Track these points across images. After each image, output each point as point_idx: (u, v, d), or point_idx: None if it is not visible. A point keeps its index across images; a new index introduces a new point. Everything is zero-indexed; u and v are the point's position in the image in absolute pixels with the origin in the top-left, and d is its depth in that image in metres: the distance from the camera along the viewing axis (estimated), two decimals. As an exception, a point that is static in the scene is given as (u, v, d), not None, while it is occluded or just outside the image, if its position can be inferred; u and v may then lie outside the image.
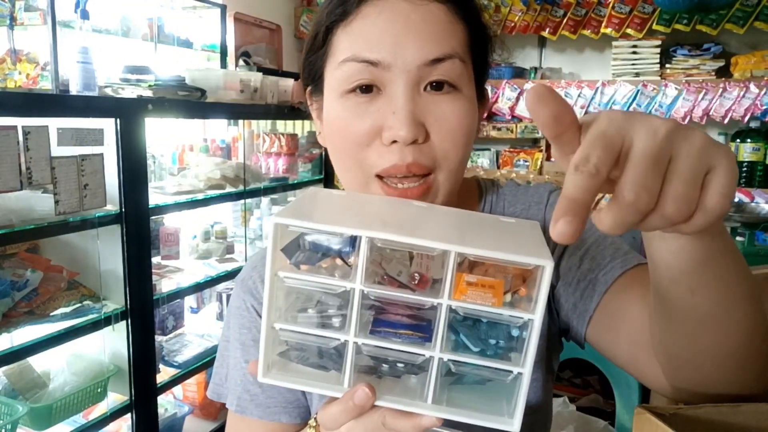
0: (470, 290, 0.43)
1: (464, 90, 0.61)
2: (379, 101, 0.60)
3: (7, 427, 1.65)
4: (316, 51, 0.66)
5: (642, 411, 0.47)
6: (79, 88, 1.88)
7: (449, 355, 0.45)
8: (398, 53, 0.58)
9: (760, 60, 2.92)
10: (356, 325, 0.45)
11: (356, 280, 0.44)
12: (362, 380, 0.47)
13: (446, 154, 0.60)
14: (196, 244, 2.60)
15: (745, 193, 2.90)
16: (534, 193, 0.74)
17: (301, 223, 0.43)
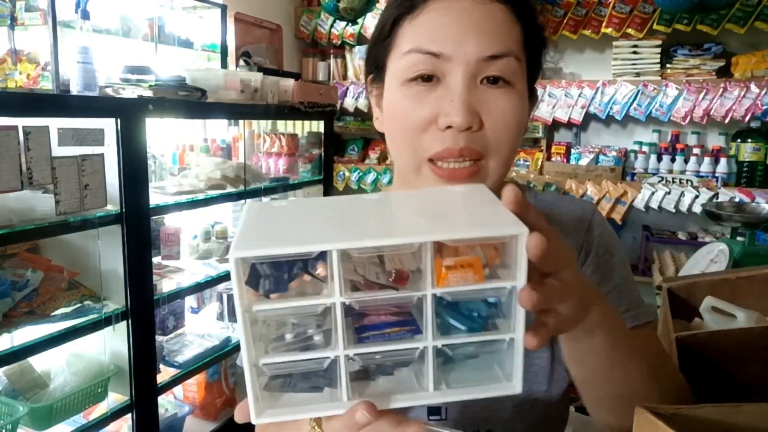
0: (451, 274, 0.43)
1: (517, 86, 0.65)
2: (438, 90, 0.63)
3: (7, 427, 1.65)
4: (382, 41, 0.70)
5: (642, 411, 0.47)
6: (79, 89, 1.88)
7: (442, 341, 0.45)
8: (459, 47, 0.62)
9: (761, 60, 2.92)
10: (343, 338, 0.44)
11: (335, 293, 0.43)
12: (356, 389, 0.46)
13: (498, 143, 0.64)
14: (196, 244, 2.60)
15: (746, 193, 2.90)
16: (577, 210, 0.77)
17: (264, 251, 0.41)
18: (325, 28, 3.87)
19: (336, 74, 3.96)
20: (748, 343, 1.02)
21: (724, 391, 1.03)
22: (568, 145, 3.46)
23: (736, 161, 3.03)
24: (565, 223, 0.76)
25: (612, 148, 3.32)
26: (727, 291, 1.27)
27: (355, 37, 3.79)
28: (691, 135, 3.19)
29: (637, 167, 3.24)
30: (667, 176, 3.11)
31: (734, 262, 1.75)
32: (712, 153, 3.10)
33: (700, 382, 0.99)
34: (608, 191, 3.15)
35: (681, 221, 3.26)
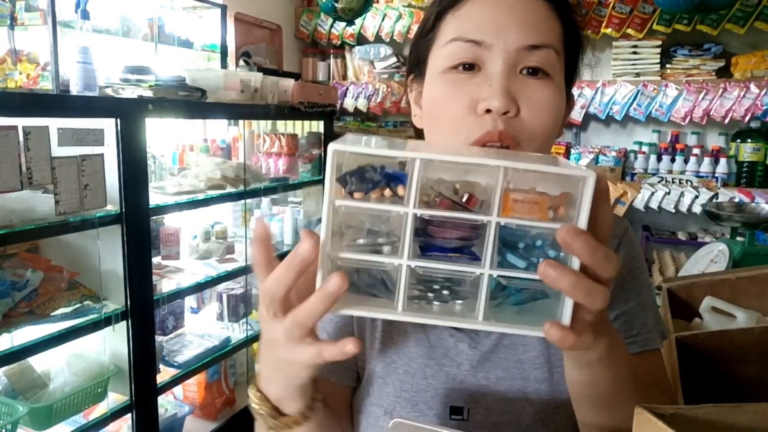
0: (517, 206, 0.45)
1: (556, 80, 0.66)
2: (479, 77, 0.65)
3: (7, 427, 1.65)
4: (425, 36, 0.71)
5: (642, 411, 0.47)
6: (79, 89, 1.88)
7: (499, 272, 0.46)
8: (500, 35, 0.63)
9: (761, 60, 2.92)
10: (410, 248, 0.46)
11: (410, 204, 0.46)
12: (412, 307, 0.49)
13: (533, 132, 0.64)
14: (196, 244, 2.60)
15: (746, 193, 2.90)
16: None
17: (359, 149, 0.46)
18: (324, 28, 3.87)
19: (336, 74, 3.96)
20: (748, 343, 1.02)
21: (724, 391, 1.03)
22: (568, 146, 3.46)
23: (736, 161, 3.03)
24: None
25: (612, 149, 3.32)
26: (727, 291, 1.27)
27: (355, 37, 3.80)
28: (690, 135, 3.19)
29: (637, 167, 3.24)
30: (667, 176, 3.12)
31: (734, 262, 1.76)
32: (712, 153, 3.10)
33: (700, 382, 0.99)
34: (608, 191, 3.15)
35: (681, 221, 3.26)
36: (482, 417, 0.73)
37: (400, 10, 3.66)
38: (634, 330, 0.74)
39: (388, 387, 0.76)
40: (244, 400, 2.66)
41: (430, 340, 0.75)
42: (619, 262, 0.46)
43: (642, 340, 0.74)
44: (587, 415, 0.62)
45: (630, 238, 0.78)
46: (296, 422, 0.59)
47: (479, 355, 0.73)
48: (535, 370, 0.73)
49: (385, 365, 0.76)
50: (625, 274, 0.75)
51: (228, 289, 2.66)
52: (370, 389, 0.77)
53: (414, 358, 0.75)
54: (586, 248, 0.43)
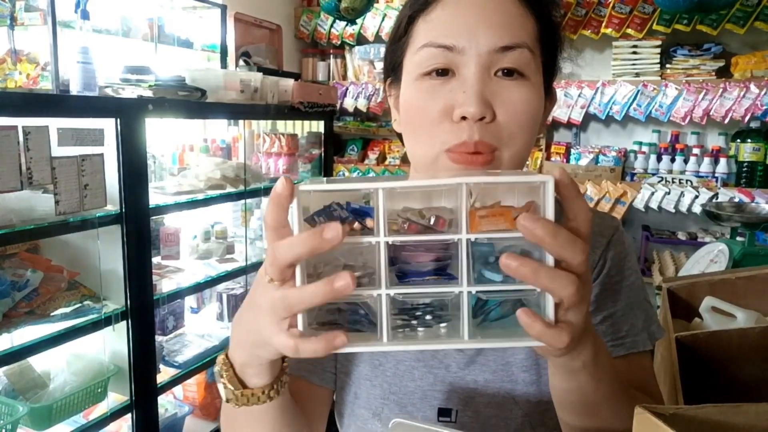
0: (483, 221, 0.46)
1: (532, 79, 0.65)
2: (452, 83, 0.64)
3: (7, 427, 1.66)
4: (398, 41, 0.71)
5: (642, 411, 0.47)
6: (79, 89, 1.88)
7: (477, 287, 0.47)
8: (472, 39, 0.62)
9: (761, 60, 2.92)
10: (386, 277, 0.47)
11: (380, 232, 0.46)
12: (397, 336, 0.49)
13: (511, 135, 0.64)
14: (196, 244, 2.60)
15: (746, 193, 2.90)
16: (600, 224, 0.77)
17: (322, 187, 0.47)
18: (324, 28, 3.87)
19: (336, 74, 3.96)
20: (748, 343, 1.02)
21: (724, 391, 1.03)
22: (568, 145, 3.46)
23: (736, 161, 3.03)
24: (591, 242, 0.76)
25: (612, 149, 3.33)
26: (727, 291, 1.27)
27: (355, 37, 3.80)
28: (690, 135, 3.19)
29: (637, 167, 3.24)
30: (667, 176, 3.12)
31: (734, 262, 1.76)
32: (712, 153, 3.10)
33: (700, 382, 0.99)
34: (608, 191, 3.15)
35: (681, 221, 3.26)
36: (470, 419, 0.73)
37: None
38: (622, 332, 0.73)
39: (376, 389, 0.75)
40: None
41: None
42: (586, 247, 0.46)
43: (629, 342, 0.73)
44: (571, 421, 0.62)
45: (620, 237, 0.77)
46: (256, 397, 0.56)
47: (467, 358, 0.73)
48: (523, 372, 0.73)
49: (372, 367, 0.76)
50: (615, 273, 0.75)
51: (228, 289, 2.66)
52: (357, 391, 0.76)
53: (402, 360, 0.75)
54: (546, 231, 0.43)
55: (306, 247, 0.44)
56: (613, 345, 0.72)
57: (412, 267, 0.49)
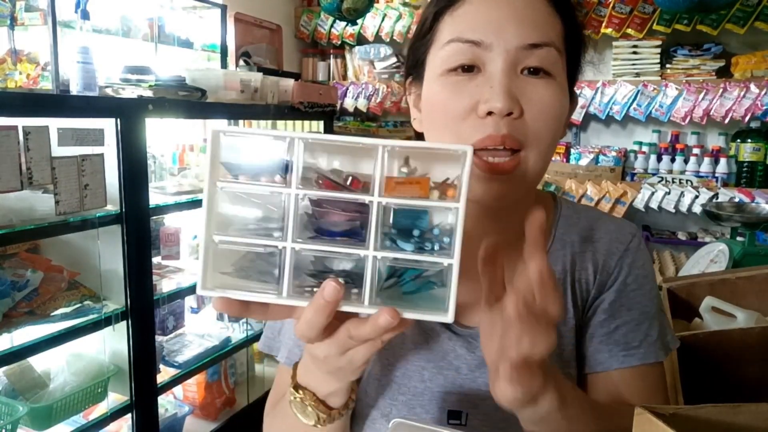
0: (399, 187, 0.46)
1: (558, 79, 0.64)
2: (478, 78, 0.63)
3: (7, 427, 1.65)
4: (422, 38, 0.69)
5: (642, 411, 0.47)
6: (79, 89, 1.88)
7: (384, 253, 0.46)
8: (500, 35, 0.62)
9: (761, 60, 2.92)
10: (293, 229, 0.46)
11: (292, 184, 0.46)
12: (303, 295, 0.48)
13: (538, 133, 0.63)
14: (196, 244, 2.60)
15: (746, 193, 2.90)
16: (617, 230, 0.76)
17: (240, 130, 0.47)
18: (324, 28, 3.87)
19: (336, 74, 3.96)
20: (748, 343, 1.02)
21: (724, 391, 1.03)
22: (568, 145, 3.46)
23: (736, 161, 3.03)
24: (601, 242, 0.74)
25: (612, 148, 3.32)
26: (727, 291, 1.27)
27: (355, 37, 3.79)
28: (690, 135, 3.19)
29: (637, 167, 3.24)
30: (667, 176, 3.12)
31: (734, 262, 1.76)
32: (712, 153, 3.10)
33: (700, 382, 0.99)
34: (608, 191, 3.15)
35: (681, 221, 3.26)
36: (480, 422, 0.72)
37: (400, 10, 3.66)
38: (635, 342, 0.72)
39: (385, 389, 0.75)
40: (244, 400, 2.68)
41: (428, 342, 0.74)
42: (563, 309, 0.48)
43: (641, 353, 0.71)
44: None
45: (638, 244, 0.75)
46: (340, 414, 0.63)
47: (478, 360, 0.72)
48: None
49: (382, 367, 0.75)
50: (631, 282, 0.73)
51: (228, 289, 2.65)
52: (366, 389, 0.76)
53: (412, 360, 0.74)
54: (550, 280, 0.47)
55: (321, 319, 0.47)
56: (625, 355, 0.71)
57: (323, 224, 0.48)
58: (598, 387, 0.72)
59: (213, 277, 0.49)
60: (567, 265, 0.73)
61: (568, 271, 0.73)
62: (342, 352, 0.52)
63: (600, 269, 0.73)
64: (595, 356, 0.72)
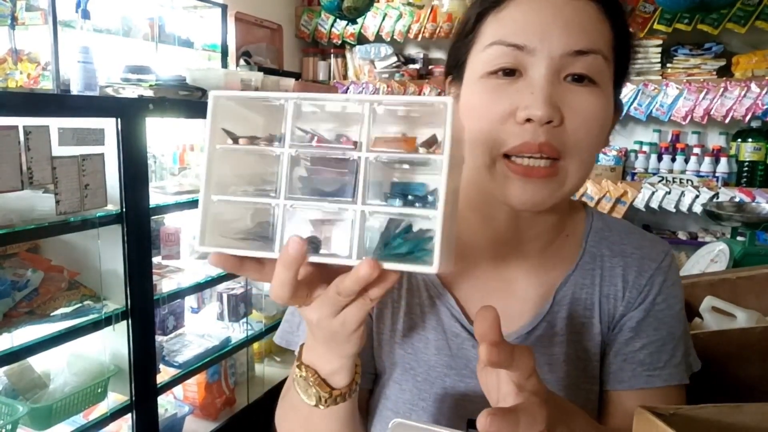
0: (385, 143, 0.47)
1: (603, 87, 0.62)
2: (519, 83, 0.61)
3: (7, 427, 1.66)
4: (464, 38, 0.67)
5: (642, 411, 0.47)
6: (80, 88, 1.88)
7: (370, 208, 0.47)
8: (544, 40, 0.59)
9: (762, 59, 2.92)
10: (286, 187, 0.48)
11: (285, 143, 0.48)
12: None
13: (578, 143, 0.61)
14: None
15: (746, 193, 2.90)
16: (650, 247, 0.74)
17: (238, 93, 0.49)
18: (325, 28, 3.87)
19: (336, 74, 3.96)
20: (748, 343, 1.02)
21: (724, 391, 1.03)
22: (569, 145, 3.46)
23: (737, 161, 3.03)
24: (632, 257, 0.72)
25: (612, 148, 3.32)
26: (727, 291, 1.27)
27: (356, 36, 3.79)
28: (691, 135, 3.19)
29: (638, 167, 3.24)
30: (668, 176, 3.11)
31: (734, 262, 1.75)
32: (713, 153, 3.10)
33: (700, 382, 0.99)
34: (608, 191, 3.15)
35: (681, 221, 3.26)
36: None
37: (401, 10, 3.66)
38: (660, 362, 0.70)
39: (405, 394, 0.73)
40: (244, 400, 2.68)
41: (451, 348, 0.72)
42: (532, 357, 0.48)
43: (666, 374, 0.70)
44: None
45: (669, 263, 0.73)
46: (343, 396, 0.59)
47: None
48: (560, 392, 0.70)
49: (403, 371, 0.73)
50: (660, 301, 0.71)
51: (228, 289, 2.65)
52: (386, 392, 0.75)
53: (434, 366, 0.72)
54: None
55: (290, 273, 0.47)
56: (649, 375, 0.70)
57: (317, 184, 0.49)
58: (617, 405, 0.71)
59: (212, 237, 0.50)
60: (596, 279, 0.72)
61: (597, 286, 0.71)
62: (333, 312, 0.50)
63: (630, 286, 0.71)
64: (618, 374, 0.71)
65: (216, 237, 0.50)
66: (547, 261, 0.72)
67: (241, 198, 0.49)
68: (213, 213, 0.49)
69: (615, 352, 0.71)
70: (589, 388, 0.72)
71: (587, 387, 0.72)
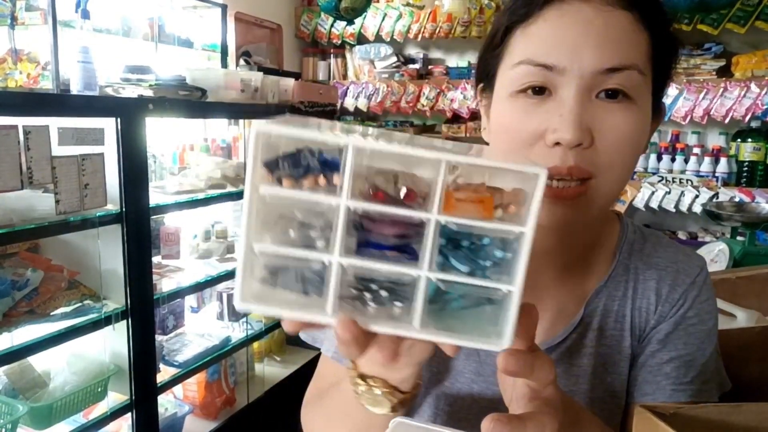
0: (459, 204, 0.42)
1: (639, 102, 0.59)
2: (549, 103, 0.59)
3: (7, 426, 1.66)
4: (493, 50, 0.65)
5: (642, 411, 0.47)
6: (79, 88, 1.88)
7: (438, 275, 0.43)
8: (574, 59, 0.57)
9: (761, 60, 2.92)
10: (341, 244, 0.43)
11: (342, 194, 0.42)
12: (345, 308, 0.45)
13: (611, 163, 0.59)
14: (196, 243, 2.60)
15: (746, 192, 2.90)
16: (685, 261, 0.72)
17: (287, 131, 0.42)
18: (325, 28, 3.87)
19: (336, 74, 3.96)
20: (748, 343, 1.02)
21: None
22: (569, 145, 3.46)
23: (737, 161, 3.03)
24: (667, 271, 0.71)
25: (612, 148, 3.32)
26: (727, 291, 1.27)
27: (356, 36, 3.79)
28: (691, 134, 3.19)
29: (637, 167, 3.24)
30: (667, 176, 3.11)
31: (734, 261, 1.76)
32: (713, 153, 3.10)
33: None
34: (608, 191, 3.15)
35: (681, 221, 3.26)
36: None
37: (401, 10, 3.66)
38: (687, 377, 0.68)
39: (431, 398, 0.71)
40: (244, 400, 2.68)
41: (480, 355, 0.70)
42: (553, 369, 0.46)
43: (693, 390, 0.68)
44: None
45: (704, 279, 0.71)
46: (414, 395, 0.57)
47: None
48: (584, 404, 0.69)
49: (431, 375, 0.72)
50: (692, 316, 0.69)
51: (228, 288, 2.65)
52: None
53: (462, 372, 0.70)
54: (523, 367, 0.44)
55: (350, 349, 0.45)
56: (674, 390, 0.68)
57: (373, 237, 0.44)
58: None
59: (250, 287, 0.45)
60: (629, 292, 0.70)
61: (629, 298, 0.70)
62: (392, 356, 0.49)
63: (663, 300, 0.70)
64: (643, 386, 0.69)
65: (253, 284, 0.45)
66: (579, 272, 0.71)
67: (290, 251, 0.44)
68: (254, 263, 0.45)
69: (641, 363, 0.70)
70: (616, 402, 0.71)
71: (613, 401, 0.71)
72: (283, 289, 0.45)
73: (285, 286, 0.45)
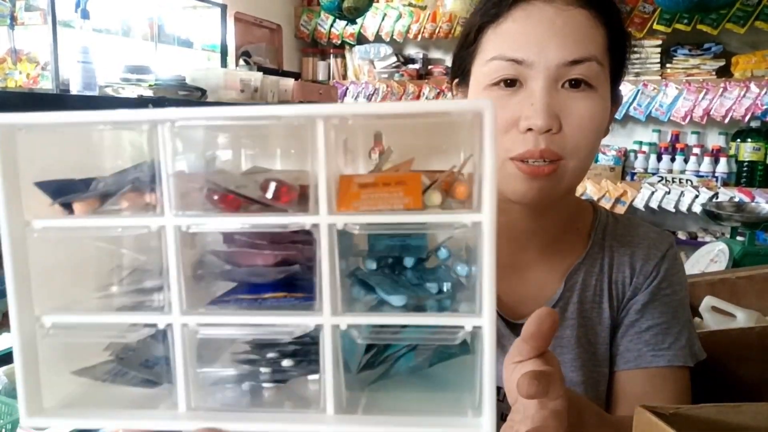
0: (365, 194, 0.26)
1: (600, 90, 0.67)
2: (520, 94, 0.66)
3: (7, 426, 1.65)
4: (467, 48, 0.72)
5: (642, 410, 0.47)
6: (79, 88, 1.88)
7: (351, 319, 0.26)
8: (541, 53, 0.64)
9: (761, 60, 2.92)
10: (180, 295, 0.26)
11: (165, 208, 0.25)
12: (217, 398, 0.29)
13: (576, 146, 0.66)
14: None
15: (746, 192, 2.90)
16: (657, 237, 0.79)
17: (44, 118, 0.26)
18: (325, 28, 3.87)
19: (336, 74, 3.96)
20: (748, 343, 1.02)
21: (724, 391, 1.03)
22: (568, 145, 3.46)
23: (736, 161, 3.03)
24: (639, 247, 0.78)
25: (612, 148, 3.33)
26: (727, 291, 1.27)
27: (355, 36, 3.80)
28: (691, 135, 3.19)
29: (637, 167, 3.24)
30: (667, 176, 3.12)
31: (734, 261, 1.76)
32: (712, 153, 3.10)
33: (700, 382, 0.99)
34: (608, 191, 3.15)
35: (681, 221, 3.26)
36: None
37: (400, 10, 3.66)
38: (665, 343, 0.74)
39: None
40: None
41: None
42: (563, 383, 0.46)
43: (670, 355, 0.74)
44: None
45: (674, 253, 0.78)
46: None
47: None
48: (571, 372, 0.73)
49: None
50: (666, 286, 0.76)
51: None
52: None
53: None
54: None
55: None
56: (653, 355, 0.74)
57: (241, 274, 0.28)
58: (624, 385, 0.75)
59: (54, 388, 0.29)
60: (605, 267, 0.76)
61: (605, 273, 0.76)
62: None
63: (637, 272, 0.76)
64: (625, 354, 0.75)
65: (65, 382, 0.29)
66: (558, 251, 0.77)
67: (101, 318, 0.27)
68: (46, 347, 0.29)
69: (621, 333, 0.76)
70: (599, 370, 0.75)
71: (596, 369, 0.75)
72: (115, 382, 0.29)
73: (123, 378, 0.29)
